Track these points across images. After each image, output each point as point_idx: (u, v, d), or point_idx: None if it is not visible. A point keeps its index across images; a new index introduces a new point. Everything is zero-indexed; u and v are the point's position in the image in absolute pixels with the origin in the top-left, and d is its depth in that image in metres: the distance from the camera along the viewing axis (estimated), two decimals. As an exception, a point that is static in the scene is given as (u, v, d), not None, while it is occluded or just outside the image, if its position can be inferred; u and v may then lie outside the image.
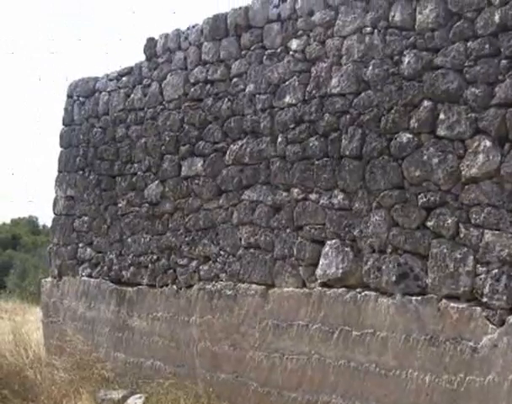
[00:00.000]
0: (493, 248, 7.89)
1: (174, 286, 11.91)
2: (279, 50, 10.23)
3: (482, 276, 7.98)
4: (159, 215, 12.19)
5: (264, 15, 10.48)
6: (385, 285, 8.88)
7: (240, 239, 10.77)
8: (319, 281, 9.65)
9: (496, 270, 7.87)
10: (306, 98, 9.80)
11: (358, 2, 9.27)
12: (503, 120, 7.84)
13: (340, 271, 9.35)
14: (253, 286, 10.55)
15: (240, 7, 10.82)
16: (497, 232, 7.88)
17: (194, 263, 11.55)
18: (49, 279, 15.02)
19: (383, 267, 8.90)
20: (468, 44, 8.16)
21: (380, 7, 9.02)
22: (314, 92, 9.71)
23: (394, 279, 8.77)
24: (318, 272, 9.64)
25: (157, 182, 12.22)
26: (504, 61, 7.87)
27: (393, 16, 8.87)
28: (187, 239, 11.63)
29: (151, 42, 12.43)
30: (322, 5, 9.67)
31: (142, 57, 12.56)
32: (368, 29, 9.14)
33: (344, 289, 9.36)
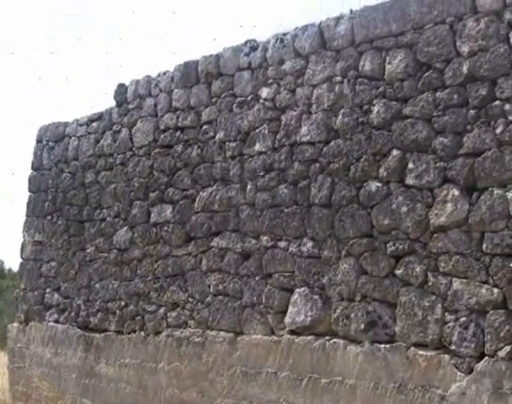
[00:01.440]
0: (461, 296, 7.88)
1: (142, 333, 11.75)
2: (249, 97, 10.22)
3: (451, 324, 7.97)
4: (128, 262, 12.07)
5: (234, 63, 10.48)
6: (353, 333, 8.82)
7: (209, 286, 10.67)
8: (288, 329, 9.56)
9: (464, 318, 7.86)
10: (276, 145, 9.79)
11: (328, 52, 9.31)
12: (471, 170, 7.89)
13: (309, 319, 9.27)
14: (222, 333, 10.44)
15: (211, 55, 10.81)
16: (465, 280, 7.88)
17: (162, 310, 11.42)
18: (15, 324, 14.79)
19: (352, 315, 8.85)
20: (437, 94, 8.21)
21: (350, 57, 9.06)
22: (284, 140, 9.70)
23: (363, 326, 8.72)
24: (287, 319, 9.56)
25: (125, 228, 12.11)
26: (471, 111, 7.93)
27: (363, 65, 8.91)
28: (155, 285, 11.51)
29: (121, 88, 12.39)
30: (293, 54, 9.71)
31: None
32: (338, 78, 9.16)
33: (312, 336, 9.27)
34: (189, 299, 10.96)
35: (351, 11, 9.13)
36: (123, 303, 12.11)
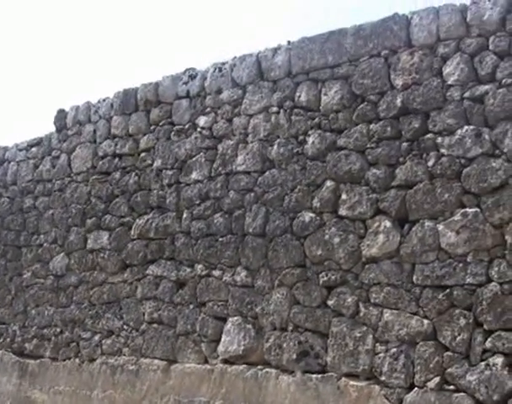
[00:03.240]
0: (391, 327, 7.80)
1: (77, 360, 11.40)
2: (187, 126, 10.02)
3: (381, 355, 7.87)
4: (64, 288, 11.72)
5: (173, 91, 10.27)
6: (286, 363, 8.65)
7: (143, 314, 10.39)
8: (221, 358, 9.35)
9: (395, 349, 7.77)
10: (213, 174, 9.61)
11: (265, 82, 9.18)
12: (403, 201, 7.83)
13: (242, 348, 9.07)
14: (156, 361, 10.15)
15: (150, 83, 10.59)
16: (396, 311, 7.80)
17: (97, 337, 11.09)
18: (-51, 349, 14.28)
19: (284, 344, 8.68)
20: (371, 126, 8.14)
21: (286, 88, 8.94)
22: (220, 169, 9.52)
23: (295, 356, 8.56)
24: (220, 348, 9.33)
25: (62, 254, 11.77)
26: (404, 144, 7.88)
27: (299, 96, 8.80)
28: (91, 312, 11.18)
29: (61, 114, 12.09)
30: (231, 84, 9.55)
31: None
32: (274, 108, 9.04)
33: (245, 366, 9.07)
34: (124, 326, 10.65)
35: (289, 42, 9.03)
36: (58, 329, 11.75)
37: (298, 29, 22.17)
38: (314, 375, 8.38)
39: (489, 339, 7.16)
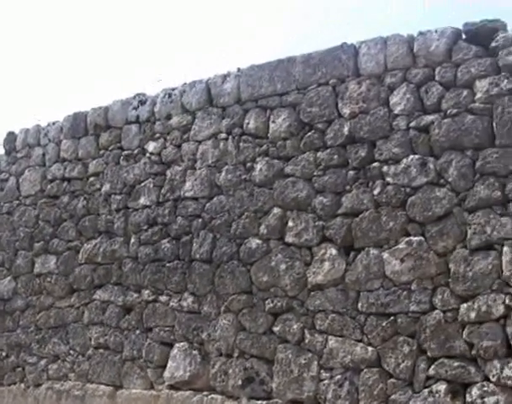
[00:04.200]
0: (336, 354, 7.74)
1: (22, 385, 11.08)
2: (136, 151, 9.87)
3: (326, 381, 7.79)
4: (10, 312, 11.40)
5: (123, 116, 10.11)
6: (231, 389, 8.50)
7: (90, 339, 10.14)
8: (167, 383, 9.15)
9: (339, 376, 7.71)
10: (161, 200, 9.45)
11: (214, 109, 9.09)
12: (348, 229, 7.79)
13: (188, 374, 8.90)
14: (102, 387, 9.89)
15: (100, 107, 10.42)
16: (340, 339, 7.74)
17: (43, 362, 10.79)
18: None
19: (230, 371, 8.54)
20: (318, 154, 8.09)
21: (235, 115, 8.86)
22: (168, 194, 9.37)
23: (240, 382, 8.43)
24: (166, 374, 9.14)
25: (9, 277, 11.46)
26: (351, 172, 7.85)
27: (248, 123, 8.73)
28: (37, 337, 10.89)
29: (10, 136, 11.83)
30: (180, 109, 9.44)
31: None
32: (223, 134, 8.94)
33: (191, 392, 8.89)
34: (71, 351, 10.39)
35: (238, 69, 8.96)
36: (4, 354, 11.42)
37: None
38: (259, 402, 8.26)
39: (433, 366, 7.18)
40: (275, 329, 8.22)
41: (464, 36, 7.38)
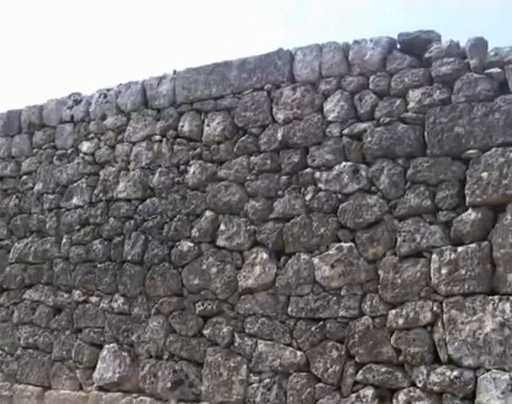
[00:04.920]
0: (265, 358, 7.59)
1: (-51, 384, 10.59)
2: (70, 151, 9.50)
3: (255, 385, 7.63)
4: None
5: (57, 115, 9.72)
6: (160, 391, 8.26)
7: (19, 339, 9.71)
8: (96, 385, 8.84)
9: (268, 380, 7.55)
10: (93, 200, 9.12)
11: (149, 111, 8.82)
12: (280, 234, 7.63)
13: (117, 375, 8.60)
14: (30, 387, 9.50)
15: (34, 105, 9.99)
16: (270, 342, 7.59)
17: (-30, 362, 10.32)
18: None
19: (159, 373, 8.29)
20: (251, 158, 7.93)
21: (170, 117, 8.61)
22: (101, 195, 9.05)
23: (169, 385, 8.19)
24: (95, 375, 8.82)
25: None
26: (283, 177, 7.70)
27: (182, 126, 8.49)
28: (-35, 336, 10.43)
29: None
30: (115, 110, 9.13)
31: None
32: (157, 137, 8.68)
33: (120, 393, 8.61)
34: (-1, 351, 9.96)
35: (174, 71, 8.71)
36: None
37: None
38: (188, 404, 7.99)
39: (360, 371, 7.09)
40: (205, 332, 8.04)
41: (399, 46, 7.32)
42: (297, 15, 22.54)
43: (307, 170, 7.56)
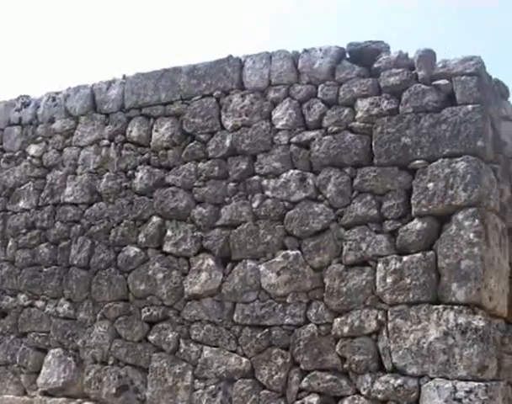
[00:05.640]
0: (211, 365, 7.36)
1: None
2: (17, 153, 9.14)
3: (200, 391, 7.38)
4: None
5: (5, 117, 9.37)
6: (105, 397, 7.95)
7: (-38, 342, 9.30)
8: (40, 390, 8.48)
9: (213, 386, 7.32)
10: (40, 204, 8.77)
11: (98, 115, 8.54)
12: (226, 241, 7.44)
13: (62, 380, 8.26)
14: (-26, 392, 9.09)
15: (-18, 107, 9.61)
16: (215, 349, 7.36)
17: None
18: None
19: (104, 378, 7.98)
20: (199, 164, 7.72)
21: (118, 122, 8.35)
22: (48, 199, 8.71)
23: (114, 390, 7.89)
24: (40, 380, 8.46)
25: None
26: (231, 184, 7.51)
27: (130, 131, 8.24)
28: None
29: None
30: (64, 114, 8.83)
31: None
32: (105, 141, 8.40)
33: (64, 398, 8.26)
34: None
35: (124, 76, 8.46)
36: None
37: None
38: (133, 410, 7.76)
39: (305, 379, 6.90)
40: (151, 338, 7.76)
41: (348, 56, 7.21)
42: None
43: (255, 177, 7.38)
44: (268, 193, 7.26)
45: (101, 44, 24.40)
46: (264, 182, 7.30)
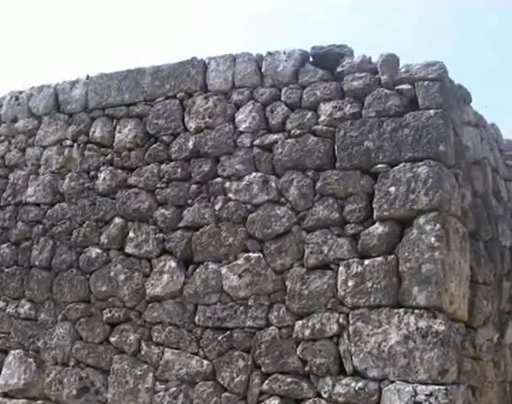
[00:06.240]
0: (172, 367, 7.15)
1: None
2: (-21, 153, 8.84)
3: (161, 393, 7.17)
4: None
5: (-32, 117, 9.05)
6: (66, 398, 7.69)
7: None
8: (0, 391, 8.17)
9: (174, 388, 7.12)
10: (2, 204, 8.48)
11: (61, 115, 8.28)
12: (188, 243, 7.24)
13: (22, 382, 7.98)
14: None
15: None
16: (176, 351, 7.15)
17: None
18: None
19: (65, 380, 7.72)
20: (162, 166, 7.51)
21: (82, 122, 8.11)
22: (10, 199, 8.43)
23: (75, 392, 7.63)
24: (0, 381, 8.16)
25: None
26: (193, 186, 7.31)
27: (94, 132, 8.00)
28: None
29: None
30: (27, 113, 8.55)
31: None
32: (68, 141, 8.15)
33: (25, 400, 7.99)
34: None
35: (87, 76, 8.21)
36: None
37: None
38: (93, 412, 7.52)
39: (266, 381, 6.72)
40: (112, 339, 7.51)
41: (311, 59, 7.06)
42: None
43: (217, 179, 7.20)
44: (230, 195, 7.08)
45: (65, 44, 24.00)
46: (227, 184, 7.12)
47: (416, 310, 6.09)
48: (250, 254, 6.90)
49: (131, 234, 7.51)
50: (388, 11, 21.81)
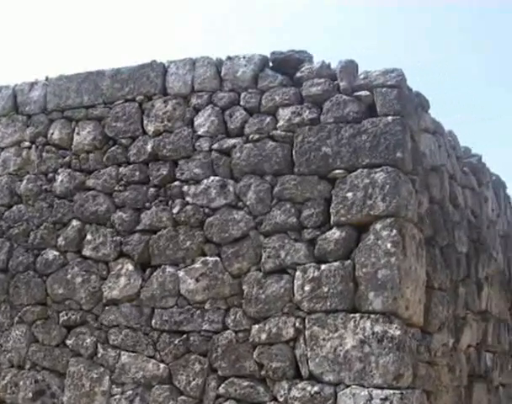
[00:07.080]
0: (128, 370, 6.87)
1: None
2: None
3: (117, 397, 6.88)
4: None
5: None
6: (21, 401, 7.34)
7: None
8: (-46, 394, 7.82)
9: (130, 391, 6.84)
10: (-41, 205, 8.08)
11: (19, 116, 7.89)
12: (146, 246, 6.96)
13: (-23, 384, 7.62)
14: None
15: None
16: (133, 354, 6.87)
17: None
18: None
19: (21, 382, 7.36)
20: (120, 169, 7.20)
21: (40, 124, 7.73)
22: (-33, 200, 8.03)
23: (31, 395, 7.29)
24: (-45, 384, 7.78)
25: None
26: (152, 189, 7.03)
27: (52, 134, 7.64)
28: None
29: None
30: (-15, 114, 8.18)
31: None
32: (26, 143, 7.77)
33: (-21, 403, 7.63)
34: None
35: (46, 78, 7.84)
36: None
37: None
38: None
39: (223, 385, 6.48)
40: (68, 342, 7.17)
41: (271, 64, 6.82)
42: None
43: (176, 183, 6.91)
44: (188, 199, 6.81)
45: (24, 44, 23.42)
46: (185, 188, 6.84)
47: (372, 315, 5.90)
48: (207, 258, 6.64)
49: (89, 237, 7.18)
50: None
